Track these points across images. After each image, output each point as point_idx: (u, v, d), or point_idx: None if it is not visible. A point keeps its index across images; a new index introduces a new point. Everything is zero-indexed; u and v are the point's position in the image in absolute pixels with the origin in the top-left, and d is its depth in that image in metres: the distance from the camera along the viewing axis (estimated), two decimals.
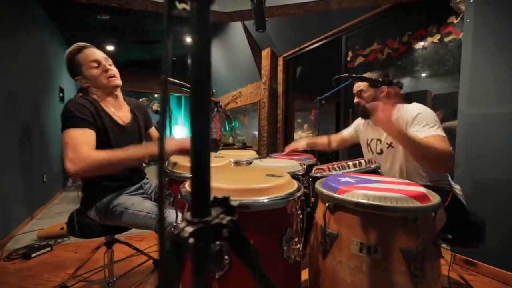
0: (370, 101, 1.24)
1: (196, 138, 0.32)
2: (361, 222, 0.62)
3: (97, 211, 1.09)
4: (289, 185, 0.69)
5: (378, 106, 0.92)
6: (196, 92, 0.31)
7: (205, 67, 0.31)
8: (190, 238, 0.29)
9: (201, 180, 0.32)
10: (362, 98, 1.27)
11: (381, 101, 1.19)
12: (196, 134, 0.32)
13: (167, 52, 0.30)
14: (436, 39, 1.85)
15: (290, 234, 0.62)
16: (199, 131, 0.32)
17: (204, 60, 0.31)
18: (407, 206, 0.58)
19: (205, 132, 0.32)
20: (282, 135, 3.74)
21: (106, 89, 1.10)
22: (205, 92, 0.32)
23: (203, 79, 0.31)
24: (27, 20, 2.58)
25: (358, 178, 0.80)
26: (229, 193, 0.60)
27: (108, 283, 1.24)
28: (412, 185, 0.71)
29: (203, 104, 0.32)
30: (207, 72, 0.31)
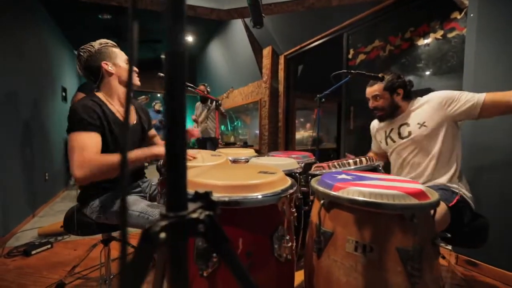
0: (387, 106, 1.23)
1: (170, 129, 0.30)
2: (356, 220, 0.60)
3: (93, 208, 1.09)
4: (282, 182, 0.67)
5: None
6: (170, 80, 0.30)
7: (180, 61, 0.30)
8: (162, 233, 0.28)
9: (176, 173, 0.31)
10: (378, 102, 1.26)
11: (398, 102, 1.21)
12: (170, 124, 0.30)
13: (132, 42, 0.28)
14: (439, 35, 1.81)
15: (282, 232, 0.61)
16: (174, 121, 0.30)
17: (179, 54, 0.30)
18: (404, 203, 0.55)
19: (180, 123, 0.30)
20: (283, 134, 3.71)
21: (125, 87, 1.11)
22: (179, 80, 0.30)
23: (177, 71, 0.30)
24: (29, 20, 2.59)
25: (355, 175, 0.78)
26: (219, 189, 0.59)
27: (105, 281, 1.23)
28: (410, 182, 0.69)
29: (177, 94, 0.30)
30: (181, 65, 0.30)
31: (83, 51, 1.06)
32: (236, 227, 0.57)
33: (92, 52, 1.05)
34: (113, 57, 1.08)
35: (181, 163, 0.31)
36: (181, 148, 0.31)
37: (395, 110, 1.23)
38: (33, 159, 2.54)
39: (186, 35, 1.74)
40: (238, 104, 4.77)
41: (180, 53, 0.30)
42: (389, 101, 1.23)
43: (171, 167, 0.30)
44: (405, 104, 1.23)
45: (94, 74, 1.07)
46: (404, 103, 1.23)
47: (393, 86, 1.21)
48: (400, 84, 1.21)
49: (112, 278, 1.27)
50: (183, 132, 0.31)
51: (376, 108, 1.27)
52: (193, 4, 2.02)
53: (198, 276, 0.54)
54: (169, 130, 0.30)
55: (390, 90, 1.22)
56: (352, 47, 2.56)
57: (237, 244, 0.56)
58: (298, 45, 3.25)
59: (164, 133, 0.30)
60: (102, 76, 1.08)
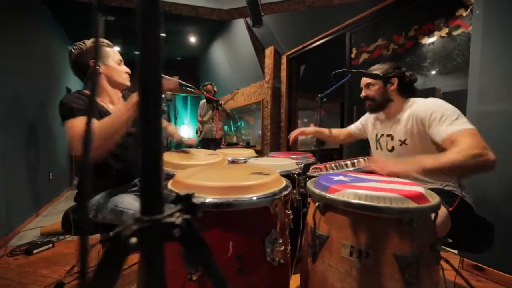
0: (379, 95, 1.15)
1: (145, 128, 0.29)
2: (351, 224, 0.57)
3: (89, 207, 1.09)
4: (275, 184, 0.65)
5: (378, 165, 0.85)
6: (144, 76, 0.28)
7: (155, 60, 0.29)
8: (133, 238, 0.26)
9: (151, 175, 0.29)
10: (370, 91, 1.19)
11: (391, 94, 1.12)
12: (145, 121, 0.29)
13: (97, 41, 0.27)
14: (444, 33, 1.76)
15: (274, 235, 0.59)
16: (149, 118, 0.29)
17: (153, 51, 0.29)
18: (401, 207, 0.53)
19: (156, 120, 0.29)
20: (285, 134, 3.69)
21: (116, 85, 1.12)
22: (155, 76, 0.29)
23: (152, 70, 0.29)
24: (33, 22, 2.63)
25: (353, 177, 0.75)
26: (209, 190, 0.57)
27: None
28: (410, 184, 0.66)
29: (152, 92, 0.29)
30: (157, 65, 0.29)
31: (74, 48, 1.06)
32: (226, 230, 0.55)
33: (83, 49, 1.05)
34: (104, 56, 1.07)
35: (156, 163, 0.29)
36: (156, 147, 0.29)
37: (386, 102, 1.14)
38: (37, 159, 2.57)
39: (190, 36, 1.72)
40: (241, 105, 4.76)
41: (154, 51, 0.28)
42: (381, 90, 1.14)
43: (145, 168, 0.29)
44: (399, 99, 1.13)
45: (82, 72, 1.06)
46: (399, 97, 1.13)
47: (387, 75, 1.12)
48: (396, 74, 1.12)
49: None
50: (159, 130, 0.29)
51: (367, 97, 1.20)
52: (194, 4, 2.02)
53: (187, 280, 0.52)
54: (143, 130, 0.29)
55: (383, 78, 1.14)
56: (355, 46, 2.52)
57: (227, 247, 0.55)
58: (300, 45, 3.22)
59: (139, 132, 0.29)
60: (90, 74, 1.06)
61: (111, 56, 1.09)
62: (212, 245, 0.55)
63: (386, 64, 1.17)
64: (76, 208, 1.14)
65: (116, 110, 0.94)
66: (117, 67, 1.10)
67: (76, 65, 1.06)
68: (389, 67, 1.14)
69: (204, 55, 5.66)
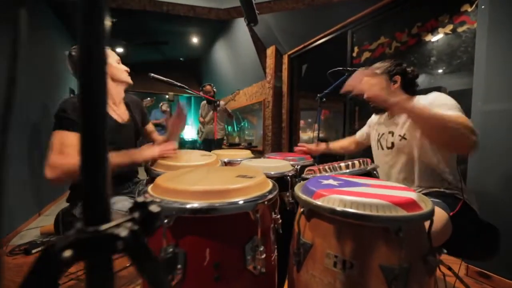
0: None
1: (87, 128, 0.26)
2: (336, 232, 0.54)
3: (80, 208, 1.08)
4: (258, 187, 0.62)
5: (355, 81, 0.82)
6: (85, 72, 0.26)
7: (97, 56, 0.26)
8: (67, 251, 0.24)
9: (93, 180, 0.27)
10: None
11: (394, 94, 1.07)
12: (88, 120, 0.26)
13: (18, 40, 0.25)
14: (449, 29, 1.70)
15: (256, 242, 0.56)
16: (90, 117, 0.26)
17: (95, 51, 0.26)
18: (388, 215, 0.49)
19: (99, 117, 0.26)
20: (287, 135, 3.65)
21: (120, 83, 1.13)
22: (98, 78, 0.26)
23: (95, 69, 0.26)
24: (36, 23, 2.67)
25: (343, 181, 0.72)
26: (186, 195, 0.55)
27: None
28: (403, 189, 0.62)
29: (95, 88, 0.26)
30: (99, 60, 0.26)
31: (75, 51, 1.07)
32: (203, 236, 0.53)
33: None
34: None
35: (100, 165, 0.27)
36: (100, 145, 0.26)
37: None
38: (40, 159, 2.61)
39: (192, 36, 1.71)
40: (243, 105, 4.74)
41: (97, 46, 0.26)
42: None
43: (87, 171, 0.26)
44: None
45: None
46: (403, 95, 1.11)
47: (390, 73, 1.08)
48: (398, 71, 1.08)
49: None
50: (103, 134, 0.27)
51: (370, 99, 1.17)
52: (192, 4, 2.01)
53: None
54: (85, 130, 0.26)
55: (386, 77, 1.09)
56: (356, 44, 2.46)
57: (204, 254, 0.52)
58: (301, 44, 3.18)
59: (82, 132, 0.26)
60: None
61: (110, 56, 1.12)
62: (188, 253, 0.53)
63: (387, 61, 1.12)
64: (67, 209, 1.14)
65: (114, 157, 0.93)
66: (117, 65, 1.14)
67: (77, 67, 1.07)
68: (390, 65, 1.10)
69: (207, 55, 5.67)
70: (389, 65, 1.10)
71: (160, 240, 0.53)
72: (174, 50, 5.34)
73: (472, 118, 1.38)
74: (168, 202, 0.53)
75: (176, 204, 0.52)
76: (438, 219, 0.86)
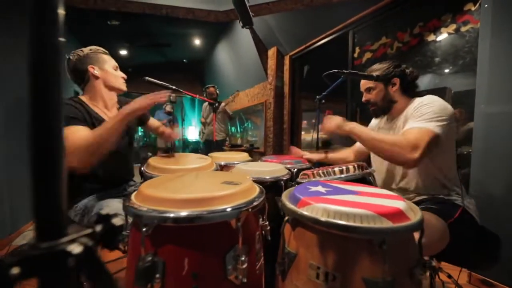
0: (381, 99, 1.09)
1: (37, 127, 0.25)
2: (319, 243, 0.52)
3: (76, 211, 1.09)
4: (243, 194, 0.61)
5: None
6: (35, 70, 0.25)
7: (52, 53, 0.25)
8: (15, 268, 0.23)
9: (46, 192, 0.26)
10: (371, 95, 1.12)
11: (393, 95, 1.06)
12: (40, 128, 0.25)
13: None
14: (451, 29, 1.65)
15: (237, 251, 0.54)
16: (43, 125, 0.25)
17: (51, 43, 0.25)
18: (371, 227, 0.47)
19: (53, 120, 0.25)
20: (288, 136, 3.62)
21: (112, 89, 1.14)
22: (52, 76, 0.25)
23: (48, 69, 0.25)
24: None
25: (332, 188, 0.70)
26: (165, 203, 0.54)
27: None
28: (392, 198, 0.60)
29: (47, 89, 0.25)
30: (55, 58, 0.25)
31: (72, 55, 1.10)
32: (181, 245, 0.52)
33: (81, 56, 1.09)
34: (101, 62, 1.11)
35: (54, 177, 0.26)
36: (54, 157, 0.25)
37: (389, 104, 1.08)
38: None
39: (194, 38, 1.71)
40: (245, 106, 4.74)
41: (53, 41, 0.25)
42: (382, 93, 1.08)
43: (39, 182, 0.25)
44: (403, 100, 1.07)
45: (80, 77, 1.11)
46: (403, 98, 1.07)
47: (387, 75, 1.06)
48: (397, 73, 1.05)
49: None
50: (58, 129, 0.25)
51: (369, 102, 1.13)
52: (190, 7, 2.01)
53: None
54: (35, 137, 0.25)
55: (384, 80, 1.07)
56: (358, 45, 2.43)
57: (182, 264, 0.51)
58: (303, 45, 3.15)
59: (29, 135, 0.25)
60: (88, 79, 1.11)
61: (107, 62, 1.13)
62: (167, 262, 0.52)
63: (385, 63, 1.09)
64: None
65: (106, 121, 0.94)
66: (114, 72, 1.14)
67: (74, 71, 1.10)
68: (389, 66, 1.07)
69: (209, 57, 5.69)
70: (388, 66, 1.07)
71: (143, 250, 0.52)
72: (177, 52, 5.38)
73: (475, 120, 1.34)
74: (148, 211, 0.52)
75: (154, 213, 0.51)
76: (435, 226, 0.83)
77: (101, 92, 1.12)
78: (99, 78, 1.10)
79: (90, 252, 0.26)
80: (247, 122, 5.03)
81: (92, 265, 0.26)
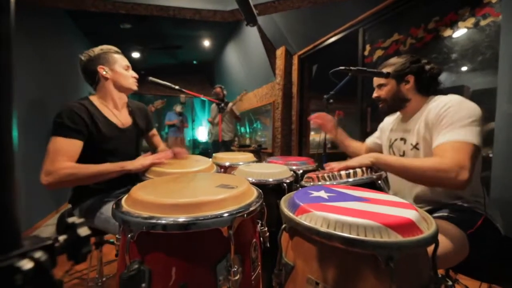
0: (391, 96, 1.00)
1: None
2: (319, 255, 0.47)
3: (80, 211, 1.09)
4: (238, 199, 0.57)
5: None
6: None
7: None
8: None
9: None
10: (381, 91, 1.04)
11: (407, 93, 0.97)
12: None
13: None
14: (470, 23, 1.54)
15: (229, 261, 0.50)
16: None
17: None
18: (377, 241, 0.42)
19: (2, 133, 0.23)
20: (296, 137, 3.55)
21: (123, 90, 1.14)
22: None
23: None
24: (57, 31, 2.83)
25: (336, 193, 0.64)
26: (152, 208, 0.51)
27: (97, 283, 1.25)
28: (403, 206, 0.54)
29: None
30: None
31: (83, 56, 1.10)
32: (168, 253, 0.48)
33: (91, 56, 1.09)
34: (111, 63, 1.11)
35: (6, 185, 0.23)
36: (5, 167, 0.23)
37: (400, 103, 0.99)
38: None
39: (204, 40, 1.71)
40: (253, 106, 4.71)
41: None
42: (393, 91, 0.99)
43: None
44: (418, 98, 0.97)
45: (91, 78, 1.11)
46: (417, 96, 0.97)
47: (401, 72, 0.96)
48: (413, 70, 0.95)
49: (105, 280, 1.29)
50: (8, 146, 0.23)
51: (378, 99, 1.05)
52: (197, 7, 2.01)
53: None
54: None
55: (396, 76, 0.97)
56: (368, 42, 2.33)
57: (170, 273, 0.48)
58: (311, 44, 3.08)
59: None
60: (98, 80, 1.11)
61: (118, 62, 1.12)
62: (154, 270, 0.49)
63: (402, 57, 1.00)
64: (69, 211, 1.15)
65: (106, 166, 0.97)
66: (124, 72, 1.13)
67: (85, 72, 1.11)
68: (405, 62, 0.97)
69: (218, 58, 5.72)
70: (404, 62, 0.98)
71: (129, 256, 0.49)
72: (188, 54, 5.44)
73: (496, 120, 1.23)
74: (133, 216, 0.49)
75: (138, 219, 0.48)
76: (452, 237, 0.75)
77: (111, 93, 1.11)
78: (108, 79, 1.10)
79: (42, 269, 0.23)
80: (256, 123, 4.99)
81: (42, 284, 0.23)
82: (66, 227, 0.30)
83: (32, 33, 2.26)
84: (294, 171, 1.34)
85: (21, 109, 2.09)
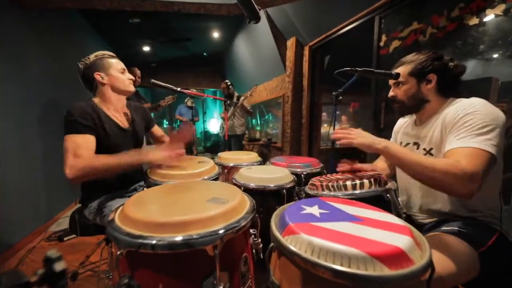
0: (409, 97, 0.91)
1: None
2: (302, 280, 0.46)
3: (90, 210, 1.15)
4: (227, 216, 0.56)
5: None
6: None
7: None
8: None
9: None
10: (399, 90, 0.95)
11: (427, 94, 0.88)
12: None
13: None
14: (499, 10, 1.38)
15: (214, 279, 0.51)
16: None
17: None
18: (359, 274, 0.40)
19: None
20: (306, 132, 3.48)
21: (120, 92, 1.17)
22: None
23: None
24: (70, 30, 2.91)
25: (330, 210, 0.62)
26: (140, 225, 0.52)
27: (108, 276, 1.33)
28: (397, 231, 0.51)
29: None
30: None
31: (81, 64, 1.15)
32: (156, 271, 0.50)
33: (87, 64, 1.13)
34: (107, 68, 1.14)
35: None
36: None
37: (419, 104, 0.90)
38: None
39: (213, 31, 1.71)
40: (264, 99, 4.64)
41: None
42: (413, 90, 0.89)
43: None
44: (438, 99, 0.88)
45: (90, 84, 1.16)
46: (437, 97, 0.88)
47: (422, 70, 0.87)
48: (436, 68, 0.85)
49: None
50: None
51: (394, 99, 0.96)
52: (201, 1, 1.96)
53: None
54: None
55: (417, 75, 0.88)
56: (385, 32, 2.17)
57: None
58: (323, 34, 2.93)
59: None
60: (97, 85, 1.15)
61: (113, 66, 1.15)
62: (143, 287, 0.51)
63: (422, 54, 0.90)
64: (79, 210, 1.22)
65: (126, 156, 0.98)
66: (120, 75, 1.15)
67: (84, 79, 1.15)
68: (426, 58, 0.88)
69: (228, 50, 5.64)
70: (425, 59, 0.88)
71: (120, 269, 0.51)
72: (198, 46, 5.41)
73: None
74: (122, 233, 0.50)
75: (127, 237, 0.49)
76: (461, 256, 0.71)
77: (110, 96, 1.15)
78: (106, 84, 1.13)
79: None
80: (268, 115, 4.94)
81: None
82: (45, 260, 0.31)
83: (46, 34, 2.34)
84: (298, 174, 1.32)
85: (39, 109, 2.21)
